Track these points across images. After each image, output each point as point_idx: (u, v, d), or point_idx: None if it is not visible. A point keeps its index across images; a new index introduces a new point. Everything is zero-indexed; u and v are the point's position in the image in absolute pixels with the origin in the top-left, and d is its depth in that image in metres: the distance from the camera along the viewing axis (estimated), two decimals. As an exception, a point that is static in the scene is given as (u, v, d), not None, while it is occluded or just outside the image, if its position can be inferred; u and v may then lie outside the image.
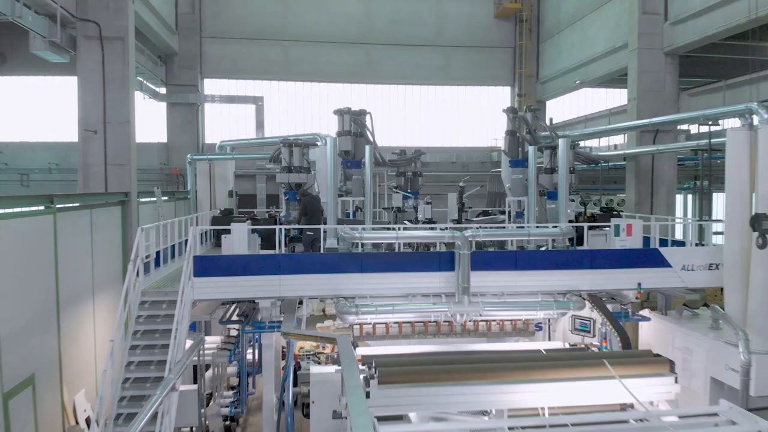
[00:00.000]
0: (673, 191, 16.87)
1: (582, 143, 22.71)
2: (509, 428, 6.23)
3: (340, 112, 15.71)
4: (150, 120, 24.54)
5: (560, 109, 27.20)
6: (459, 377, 7.24)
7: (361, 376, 7.63)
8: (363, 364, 8.72)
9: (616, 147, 19.42)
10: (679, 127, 16.40)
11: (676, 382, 7.86)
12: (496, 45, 27.23)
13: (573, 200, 15.50)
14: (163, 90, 24.66)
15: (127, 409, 8.86)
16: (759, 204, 10.39)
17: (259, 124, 25.45)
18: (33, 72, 23.76)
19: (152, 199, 16.76)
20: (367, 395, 7.56)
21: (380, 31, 26.55)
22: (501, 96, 27.72)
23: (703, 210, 16.08)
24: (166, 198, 17.81)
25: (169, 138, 25.07)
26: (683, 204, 25.23)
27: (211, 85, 26.09)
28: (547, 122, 25.39)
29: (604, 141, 22.67)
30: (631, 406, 7.97)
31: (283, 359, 13.17)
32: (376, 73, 26.80)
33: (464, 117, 27.54)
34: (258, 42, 25.84)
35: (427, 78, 27.16)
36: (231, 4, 25.65)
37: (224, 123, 26.18)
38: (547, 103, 27.23)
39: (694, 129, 18.70)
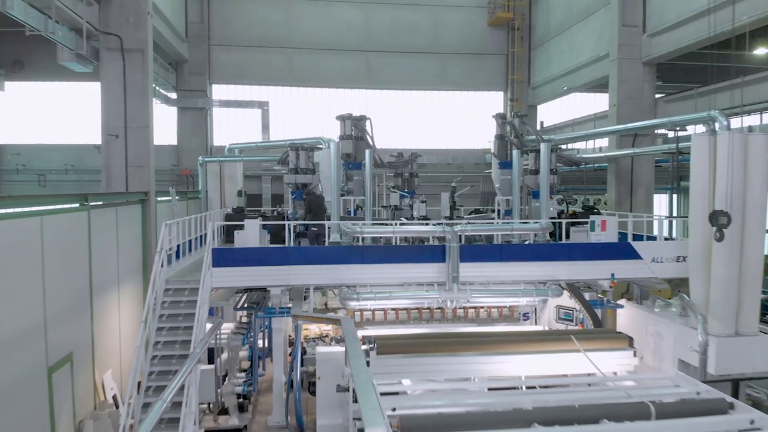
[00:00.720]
0: (651, 191, 17.97)
1: (571, 146, 23.82)
2: (489, 389, 7.34)
3: (342, 118, 16.81)
4: (161, 123, 25.62)
5: (552, 112, 28.25)
6: (446, 349, 8.35)
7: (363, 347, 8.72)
8: (363, 343, 9.82)
9: (600, 149, 20.51)
10: (656, 132, 17.46)
11: (634, 355, 8.97)
12: (490, 52, 28.27)
13: (564, 200, 16.65)
14: (173, 95, 25.75)
15: (155, 383, 9.96)
16: (717, 202, 11.49)
17: (265, 127, 26.55)
18: (49, 78, 24.84)
19: (167, 198, 17.87)
20: (367, 364, 8.66)
21: (379, 39, 27.58)
22: (494, 100, 28.74)
23: (682, 208, 17.21)
24: (178, 197, 18.92)
25: (179, 140, 26.16)
26: (668, 203, 26.32)
27: (218, 91, 27.16)
28: (538, 125, 26.60)
29: (591, 144, 23.76)
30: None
31: (290, 346, 14.25)
32: (375, 79, 27.82)
33: (459, 120, 28.53)
34: (263, 49, 26.91)
35: (424, 83, 28.19)
36: (237, 14, 26.72)
37: (231, 126, 27.23)
38: (539, 107, 28.23)
39: (671, 133, 19.80)
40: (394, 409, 6.13)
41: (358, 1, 27.26)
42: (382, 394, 6.47)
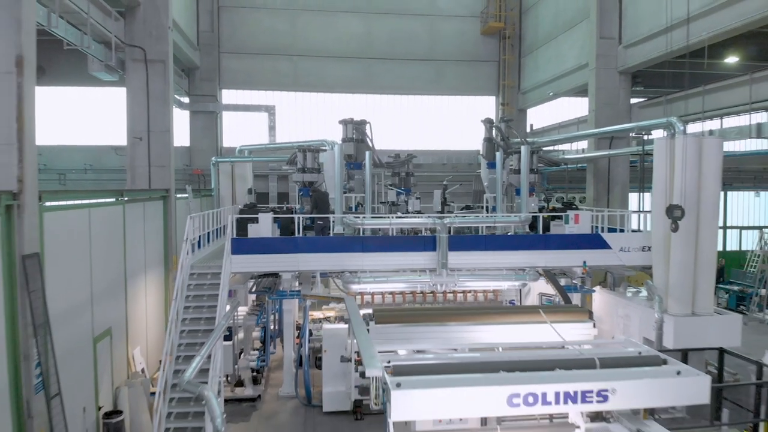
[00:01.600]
0: (626, 189, 19.39)
1: (558, 147, 25.24)
2: (469, 349, 8.76)
3: (344, 122, 18.20)
4: (175, 126, 26.92)
5: (541, 116, 29.55)
6: (435, 320, 9.76)
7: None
8: (363, 318, 11.22)
9: (583, 151, 21.91)
10: (631, 135, 18.88)
11: (594, 327, 10.38)
12: (482, 59, 29.47)
13: (546, 197, 18.06)
14: (186, 100, 27.11)
15: (184, 353, 11.38)
16: (675, 197, 12.89)
17: (271, 130, 27.82)
18: (69, 83, 26.13)
19: (184, 195, 19.29)
20: (368, 332, 10.08)
21: (379, 47, 28.77)
22: (486, 105, 29.94)
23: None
24: (193, 195, 20.33)
25: (191, 142, 27.51)
26: (638, 199, 27.75)
27: (228, 95, 28.42)
28: (528, 128, 28.05)
29: (576, 145, 25.16)
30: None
31: (297, 329, 15.65)
32: (375, 85, 29.01)
33: (453, 123, 29.61)
34: (270, 57, 28.22)
35: (421, 89, 29.37)
36: (246, 23, 28.06)
37: (240, 129, 28.46)
38: (528, 110, 29.58)
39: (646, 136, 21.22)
40: (389, 362, 7.52)
41: (360, 12, 28.57)
42: (379, 352, 7.86)
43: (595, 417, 7.92)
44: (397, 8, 28.81)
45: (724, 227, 32.10)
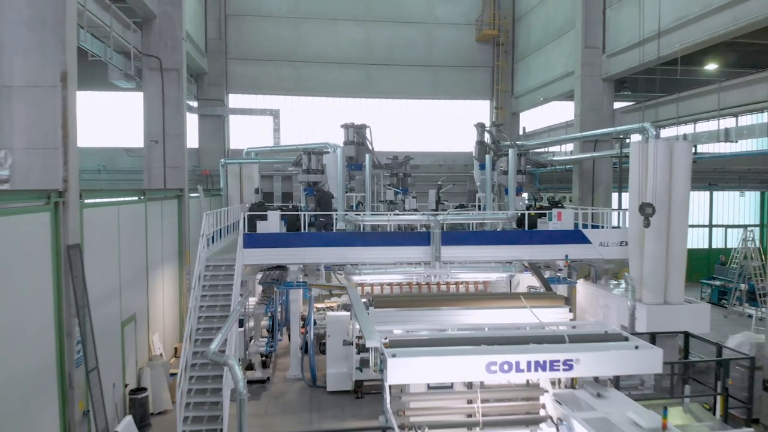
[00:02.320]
0: (609, 189, 20.49)
1: (549, 149, 26.32)
2: (458, 329, 9.87)
3: (345, 126, 19.34)
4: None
5: (534, 119, 30.58)
6: (428, 305, 10.86)
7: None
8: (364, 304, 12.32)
9: (571, 153, 23.01)
10: (614, 138, 19.99)
11: (570, 311, 11.49)
12: (477, 65, 30.50)
13: (533, 197, 19.17)
14: (195, 104, 28.22)
15: (202, 336, 12.49)
16: (647, 196, 13.99)
17: (276, 132, 28.90)
18: (83, 88, 27.08)
19: (196, 195, 20.42)
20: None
21: (379, 53, 29.83)
22: (481, 108, 30.96)
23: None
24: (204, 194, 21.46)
25: (200, 144, 28.58)
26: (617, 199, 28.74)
27: (234, 100, 29.47)
28: (521, 131, 29.13)
29: (566, 147, 26.22)
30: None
31: (302, 320, 16.75)
32: (375, 89, 30.05)
33: (450, 126, 30.58)
34: (274, 63, 29.32)
35: (419, 93, 30.41)
36: (251, 31, 29.17)
37: (246, 131, 29.56)
38: (521, 114, 30.68)
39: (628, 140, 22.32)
40: (386, 338, 8.62)
41: (360, 20, 29.67)
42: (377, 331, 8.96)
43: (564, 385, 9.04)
44: (395, 16, 29.90)
45: (710, 226, 33.24)
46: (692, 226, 30.17)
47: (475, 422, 7.89)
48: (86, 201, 10.03)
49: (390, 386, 7.62)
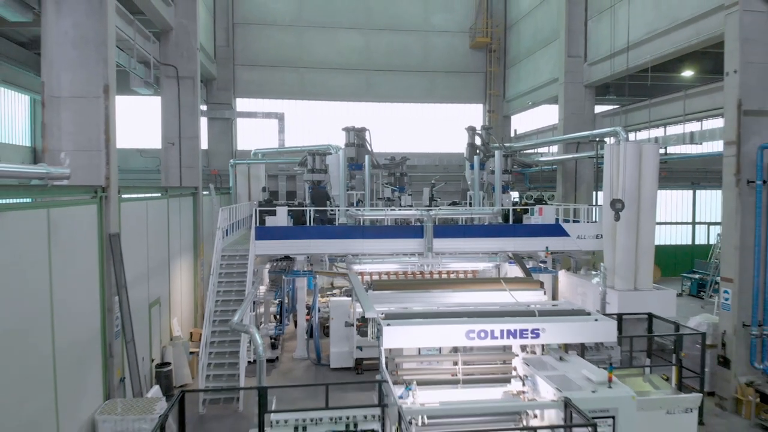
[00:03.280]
0: (590, 187, 21.91)
1: (538, 150, 27.75)
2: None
3: (347, 129, 20.75)
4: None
5: (524, 121, 32.00)
6: (420, 288, 12.25)
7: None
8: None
9: (553, 155, 24.45)
10: (596, 140, 21.42)
11: (544, 294, 12.89)
12: (471, 70, 31.93)
13: (521, 195, 20.55)
14: (204, 107, 29.62)
15: (219, 317, 13.91)
16: (618, 193, 15.41)
17: (281, 134, 30.36)
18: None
19: (206, 193, 21.82)
20: (366, 296, 12.58)
21: (378, 60, 31.26)
22: (474, 112, 32.38)
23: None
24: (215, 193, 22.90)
25: (209, 145, 29.99)
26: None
27: (242, 103, 30.91)
28: (512, 133, 30.54)
29: (554, 149, 27.62)
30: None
31: (307, 309, 18.16)
32: (374, 93, 31.48)
33: (445, 128, 31.96)
34: (279, 69, 30.75)
35: (415, 97, 31.82)
36: (258, 39, 30.57)
37: (252, 133, 30.99)
38: (512, 117, 32.12)
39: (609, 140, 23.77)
40: (382, 313, 10.03)
41: (360, 28, 31.09)
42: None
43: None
44: (393, 24, 31.32)
45: (693, 223, 34.63)
46: (677, 223, 31.54)
47: (457, 380, 9.32)
48: (123, 196, 11.46)
49: (385, 350, 9.04)
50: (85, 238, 9.83)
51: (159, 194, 15.04)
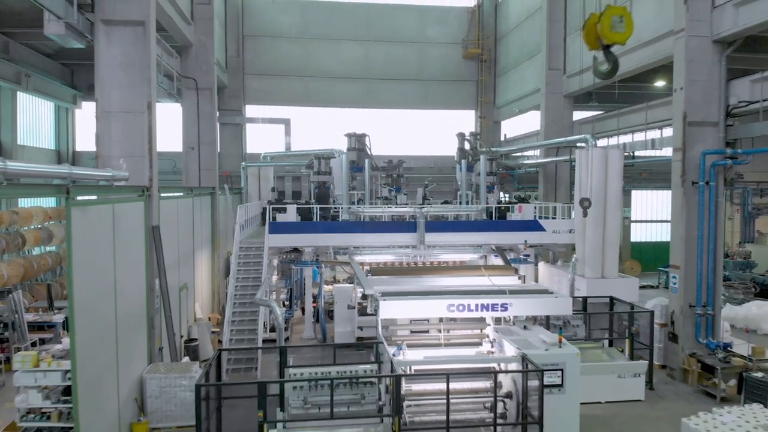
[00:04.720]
0: (568, 188, 23.88)
1: (524, 153, 29.72)
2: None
3: (348, 135, 22.74)
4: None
5: (514, 127, 33.83)
6: (413, 273, 14.26)
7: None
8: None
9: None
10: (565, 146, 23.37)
11: (518, 279, 14.89)
12: (464, 79, 33.82)
13: (506, 195, 22.50)
14: (216, 114, 31.56)
15: (239, 300, 15.88)
16: (586, 192, 17.34)
17: (287, 138, 32.31)
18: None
19: (220, 192, 23.80)
20: (366, 280, 14.57)
21: (377, 69, 33.16)
22: (467, 117, 34.27)
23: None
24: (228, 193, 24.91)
25: (221, 149, 31.72)
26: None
27: (251, 110, 32.81)
28: (502, 137, 32.50)
29: (538, 152, 29.59)
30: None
31: (313, 298, 20.13)
32: (374, 100, 33.38)
33: (439, 133, 33.68)
34: (286, 77, 32.67)
35: (412, 103, 33.72)
36: (266, 50, 32.50)
37: (261, 137, 32.86)
38: (502, 123, 34.04)
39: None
40: (380, 292, 12.00)
41: (361, 40, 33.05)
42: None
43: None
44: (391, 36, 33.26)
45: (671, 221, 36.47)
46: (656, 221, 33.35)
47: (439, 343, 11.33)
48: (162, 195, 13.46)
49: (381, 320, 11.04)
50: (135, 229, 11.82)
51: (185, 193, 17.03)
